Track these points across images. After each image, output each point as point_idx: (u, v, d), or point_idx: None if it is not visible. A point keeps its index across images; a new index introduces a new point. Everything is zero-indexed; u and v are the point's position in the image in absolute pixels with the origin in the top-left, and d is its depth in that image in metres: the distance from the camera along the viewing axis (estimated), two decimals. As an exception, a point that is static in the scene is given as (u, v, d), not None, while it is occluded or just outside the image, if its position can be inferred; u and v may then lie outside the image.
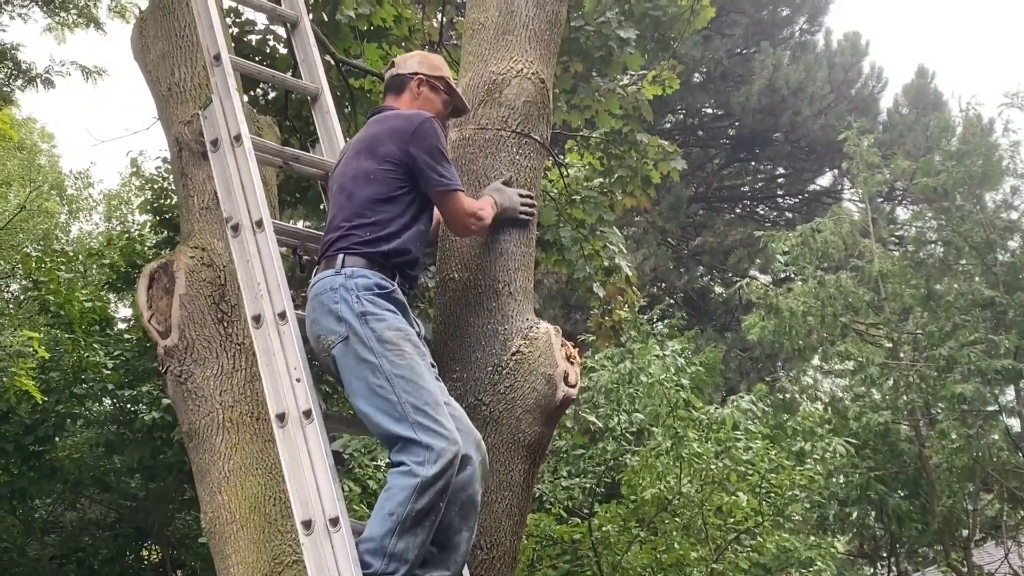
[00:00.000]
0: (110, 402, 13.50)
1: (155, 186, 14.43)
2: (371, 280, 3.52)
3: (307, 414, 3.45)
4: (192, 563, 14.09)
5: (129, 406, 13.11)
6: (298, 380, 3.51)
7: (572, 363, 3.78)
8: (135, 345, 13.39)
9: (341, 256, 3.58)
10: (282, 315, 3.61)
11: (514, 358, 3.71)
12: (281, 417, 3.50)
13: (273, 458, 3.74)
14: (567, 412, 9.22)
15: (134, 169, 17.00)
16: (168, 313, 3.99)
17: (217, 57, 4.11)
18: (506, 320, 3.79)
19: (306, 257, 4.03)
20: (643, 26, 9.06)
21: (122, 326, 14.82)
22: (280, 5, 4.73)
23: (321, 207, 9.07)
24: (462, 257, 3.91)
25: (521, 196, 3.93)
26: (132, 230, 16.35)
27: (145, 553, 15.26)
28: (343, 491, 3.40)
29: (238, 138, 3.94)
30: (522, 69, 4.10)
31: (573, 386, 3.74)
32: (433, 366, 3.54)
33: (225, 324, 4.02)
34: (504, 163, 3.99)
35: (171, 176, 14.76)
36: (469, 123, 4.05)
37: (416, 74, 3.96)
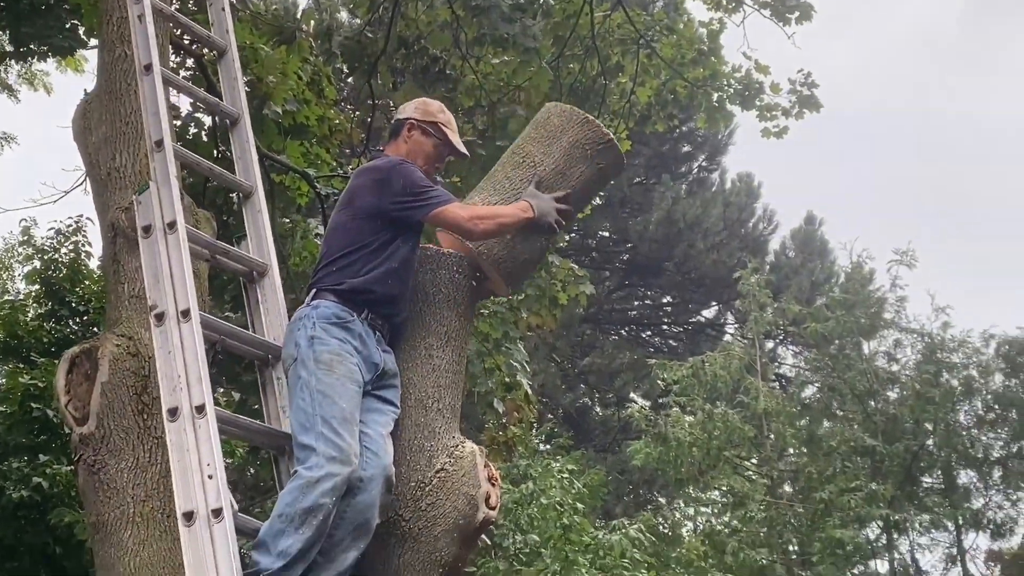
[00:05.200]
0: (-27, 476, 12.88)
1: (45, 256, 14.07)
2: (331, 311, 3.78)
3: (216, 512, 3.39)
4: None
5: (-8, 481, 12.52)
6: (210, 476, 3.46)
7: (494, 484, 3.79)
8: (7, 418, 12.86)
9: (313, 292, 3.89)
10: (200, 408, 3.56)
11: (438, 475, 3.71)
12: (188, 516, 3.42)
13: (182, 557, 3.64)
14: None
15: (25, 237, 16.56)
16: (87, 400, 3.89)
17: (159, 143, 4.10)
18: (433, 436, 3.80)
19: (221, 357, 4.02)
20: (562, 152, 9.30)
21: (-8, 397, 14.21)
22: (223, 101, 4.76)
23: (227, 303, 8.97)
24: (393, 370, 3.92)
25: (557, 200, 4.04)
26: (15, 299, 15.77)
27: (-11, 639, 14.44)
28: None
29: (172, 225, 3.92)
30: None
31: (493, 508, 3.75)
32: (386, 400, 3.76)
33: (145, 416, 3.93)
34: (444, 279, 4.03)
35: (63, 248, 14.42)
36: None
37: (408, 119, 4.20)
